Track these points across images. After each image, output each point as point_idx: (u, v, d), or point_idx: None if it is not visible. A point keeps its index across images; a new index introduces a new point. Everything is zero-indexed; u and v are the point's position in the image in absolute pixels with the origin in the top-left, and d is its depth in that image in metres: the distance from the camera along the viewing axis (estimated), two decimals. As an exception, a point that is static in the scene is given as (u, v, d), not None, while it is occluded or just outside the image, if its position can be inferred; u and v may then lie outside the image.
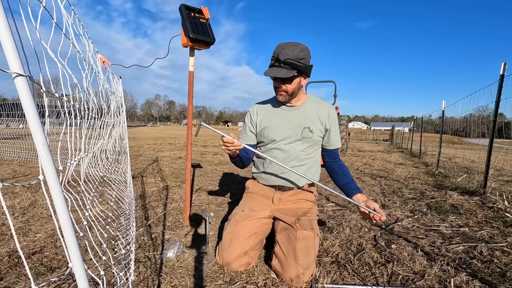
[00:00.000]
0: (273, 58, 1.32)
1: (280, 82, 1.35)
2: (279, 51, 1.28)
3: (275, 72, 1.29)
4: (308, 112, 1.48)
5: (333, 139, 1.53)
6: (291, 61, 1.26)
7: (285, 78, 1.31)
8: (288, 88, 1.37)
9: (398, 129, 16.40)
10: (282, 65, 1.29)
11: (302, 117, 1.48)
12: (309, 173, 1.52)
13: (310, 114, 1.48)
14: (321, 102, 1.53)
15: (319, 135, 1.50)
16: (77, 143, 1.03)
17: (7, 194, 2.44)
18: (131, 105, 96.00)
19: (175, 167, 4.33)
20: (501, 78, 2.86)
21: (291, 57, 1.26)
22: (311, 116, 1.48)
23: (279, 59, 1.28)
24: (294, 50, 1.27)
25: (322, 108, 1.49)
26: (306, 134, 1.48)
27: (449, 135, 11.83)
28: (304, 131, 1.47)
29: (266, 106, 1.57)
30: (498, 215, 2.29)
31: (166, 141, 10.16)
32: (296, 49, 1.27)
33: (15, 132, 5.97)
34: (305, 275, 1.24)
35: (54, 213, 0.46)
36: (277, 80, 1.36)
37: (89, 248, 0.98)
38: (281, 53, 1.27)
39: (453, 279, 1.31)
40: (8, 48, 0.37)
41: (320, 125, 1.49)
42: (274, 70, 1.30)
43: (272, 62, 1.33)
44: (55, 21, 0.67)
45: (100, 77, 1.51)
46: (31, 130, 0.41)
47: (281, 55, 1.27)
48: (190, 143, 1.89)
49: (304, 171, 1.50)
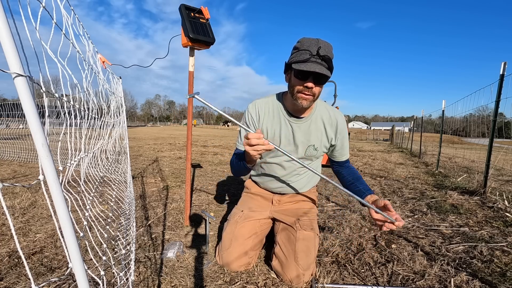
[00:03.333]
0: (307, 52, 1.07)
1: (313, 82, 1.10)
2: (316, 45, 1.06)
3: (320, 68, 1.04)
4: (316, 125, 1.33)
5: (339, 153, 1.41)
6: (329, 57, 1.06)
7: (325, 76, 1.07)
8: (316, 91, 1.14)
9: (398, 129, 16.39)
10: (321, 61, 1.06)
11: (308, 133, 1.32)
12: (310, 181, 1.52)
13: (318, 127, 1.33)
14: (329, 110, 1.36)
15: (323, 151, 1.40)
16: (77, 143, 1.03)
17: (7, 194, 2.44)
18: (131, 105, 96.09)
19: (175, 167, 4.33)
20: (501, 77, 2.86)
21: (329, 54, 1.07)
22: (318, 131, 1.33)
23: (319, 54, 1.05)
24: (329, 48, 1.08)
25: (331, 120, 1.34)
26: (310, 152, 1.35)
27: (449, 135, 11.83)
28: (308, 150, 1.35)
29: (270, 109, 1.34)
30: (498, 215, 2.29)
31: (166, 141, 10.16)
32: (330, 47, 1.09)
33: (15, 132, 5.97)
34: (305, 276, 1.24)
35: (54, 213, 0.46)
36: (309, 78, 1.10)
37: (89, 248, 0.98)
38: (322, 49, 1.05)
39: (453, 279, 1.31)
40: (8, 48, 0.37)
41: (326, 140, 1.36)
42: (315, 65, 1.05)
43: (307, 57, 1.06)
44: (54, 21, 0.67)
45: (100, 77, 1.51)
46: (31, 130, 0.41)
47: (321, 50, 1.05)
48: (190, 143, 1.89)
49: (306, 180, 1.49)
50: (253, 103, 1.37)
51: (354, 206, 2.49)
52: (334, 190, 3.13)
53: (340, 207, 2.47)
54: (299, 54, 1.09)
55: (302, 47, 1.09)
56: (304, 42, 1.10)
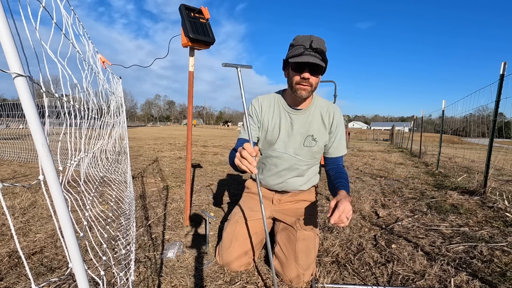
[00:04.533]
0: (301, 46, 1.16)
1: (309, 73, 1.19)
2: (309, 40, 1.15)
3: (313, 58, 1.13)
4: (314, 117, 1.37)
5: (334, 148, 1.41)
6: (322, 50, 1.15)
7: (319, 66, 1.16)
8: (313, 81, 1.22)
9: (398, 129, 16.39)
10: (315, 53, 1.15)
11: (307, 124, 1.37)
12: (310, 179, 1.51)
13: (316, 119, 1.37)
14: (327, 104, 1.41)
15: (323, 143, 1.40)
16: (77, 143, 1.03)
17: (7, 194, 2.44)
18: (131, 105, 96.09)
19: (175, 167, 4.33)
20: (501, 77, 2.86)
21: (321, 47, 1.15)
22: (317, 122, 1.37)
23: (312, 47, 1.14)
24: (322, 42, 1.17)
25: (329, 112, 1.38)
26: (309, 143, 1.37)
27: (449, 134, 11.84)
28: (307, 140, 1.37)
29: (271, 103, 1.42)
30: (498, 215, 2.29)
31: (166, 141, 10.16)
32: (323, 42, 1.18)
33: (15, 132, 5.98)
34: (305, 275, 1.24)
35: (54, 213, 0.46)
36: (305, 70, 1.18)
37: (89, 248, 0.98)
38: (314, 42, 1.14)
39: (453, 279, 1.31)
40: (8, 49, 0.37)
41: (325, 131, 1.39)
42: (309, 57, 1.14)
43: (301, 51, 1.15)
44: (54, 21, 0.67)
45: (100, 77, 1.51)
46: (31, 130, 0.41)
47: (314, 43, 1.14)
48: (190, 143, 1.89)
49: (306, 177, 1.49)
50: (256, 98, 1.46)
51: (354, 206, 2.49)
52: (334, 190, 3.13)
53: (340, 207, 2.47)
54: (295, 49, 1.19)
55: (296, 43, 1.19)
56: (298, 39, 1.19)
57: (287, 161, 1.41)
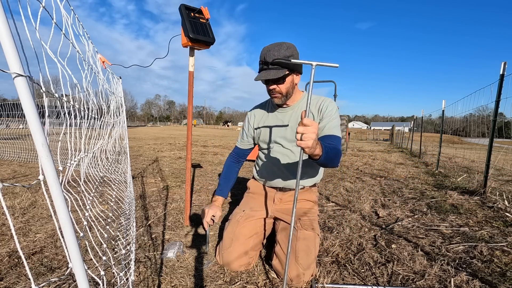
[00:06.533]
0: (261, 62, 1.29)
1: (273, 84, 1.31)
2: (265, 54, 1.26)
3: (265, 75, 1.25)
4: (301, 110, 1.40)
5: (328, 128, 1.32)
6: (279, 60, 1.23)
7: (277, 78, 1.27)
8: (281, 88, 1.32)
9: (398, 129, 16.39)
10: (270, 66, 1.26)
11: (295, 118, 1.42)
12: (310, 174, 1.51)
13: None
14: (317, 97, 1.43)
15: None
16: (77, 143, 1.03)
17: (7, 194, 2.44)
18: (131, 105, 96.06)
19: (175, 167, 4.33)
20: (501, 77, 2.86)
21: (278, 57, 1.23)
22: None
23: (267, 62, 1.25)
24: (280, 49, 1.24)
25: (318, 103, 1.39)
26: None
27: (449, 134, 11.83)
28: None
29: (262, 110, 1.56)
30: (498, 215, 2.29)
31: (166, 141, 10.16)
32: (281, 48, 1.24)
33: (15, 132, 5.98)
34: (306, 275, 1.24)
35: (54, 213, 0.46)
36: (269, 83, 1.32)
37: (89, 248, 0.98)
38: (268, 55, 1.24)
39: (453, 279, 1.31)
40: (8, 49, 0.37)
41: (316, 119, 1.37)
42: (264, 73, 1.26)
43: (261, 67, 1.29)
44: (54, 22, 0.67)
45: (100, 77, 1.51)
46: (31, 130, 0.41)
47: (268, 56, 1.24)
48: (190, 143, 1.89)
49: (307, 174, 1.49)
50: (251, 110, 1.62)
51: (354, 206, 2.49)
52: (334, 190, 3.13)
53: (340, 207, 2.47)
54: (259, 64, 1.32)
55: (259, 58, 1.31)
56: (260, 54, 1.30)
57: (283, 155, 1.46)
